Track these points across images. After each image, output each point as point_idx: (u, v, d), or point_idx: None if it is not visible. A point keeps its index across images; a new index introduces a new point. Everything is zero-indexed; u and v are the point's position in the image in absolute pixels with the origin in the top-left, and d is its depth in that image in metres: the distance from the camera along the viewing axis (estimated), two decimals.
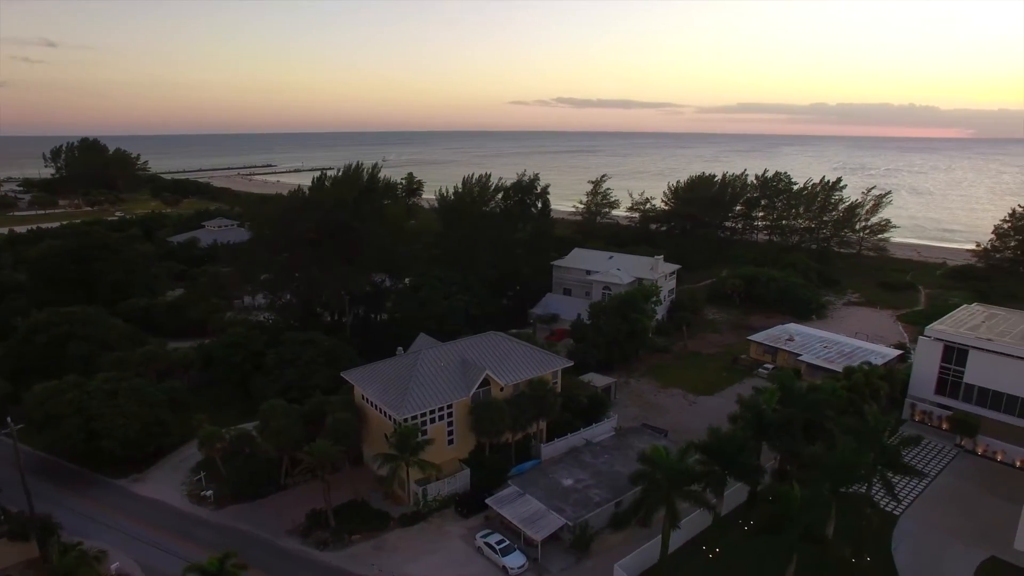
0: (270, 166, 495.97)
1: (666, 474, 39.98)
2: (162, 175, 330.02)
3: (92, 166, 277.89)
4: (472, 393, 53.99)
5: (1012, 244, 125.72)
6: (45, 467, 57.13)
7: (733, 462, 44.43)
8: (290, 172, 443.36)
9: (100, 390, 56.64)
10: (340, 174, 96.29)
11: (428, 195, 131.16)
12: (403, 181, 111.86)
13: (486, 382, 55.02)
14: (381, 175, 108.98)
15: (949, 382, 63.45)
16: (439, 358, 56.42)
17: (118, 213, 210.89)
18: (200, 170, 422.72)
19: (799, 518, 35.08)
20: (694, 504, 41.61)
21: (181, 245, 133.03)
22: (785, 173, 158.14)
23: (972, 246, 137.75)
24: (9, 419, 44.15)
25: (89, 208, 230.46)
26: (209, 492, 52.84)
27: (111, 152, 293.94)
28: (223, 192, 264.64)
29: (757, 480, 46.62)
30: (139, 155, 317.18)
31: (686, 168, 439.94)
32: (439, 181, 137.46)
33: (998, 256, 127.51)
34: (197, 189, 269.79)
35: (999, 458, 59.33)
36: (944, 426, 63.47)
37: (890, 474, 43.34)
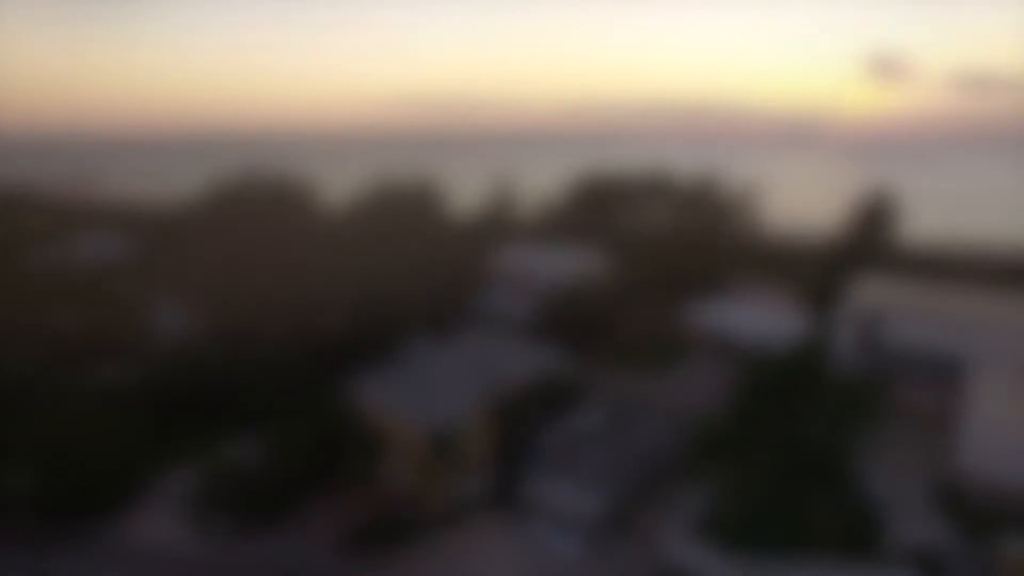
0: None
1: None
2: None
3: None
4: (493, 388, 54.51)
5: None
6: None
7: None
8: None
9: (59, 421, 48.74)
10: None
11: None
12: None
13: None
14: None
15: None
16: (451, 357, 56.05)
17: None
18: None
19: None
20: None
21: None
22: None
23: None
24: None
25: None
26: (220, 525, 47.89)
27: None
28: None
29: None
30: None
31: None
32: None
33: None
34: None
35: None
36: None
37: None
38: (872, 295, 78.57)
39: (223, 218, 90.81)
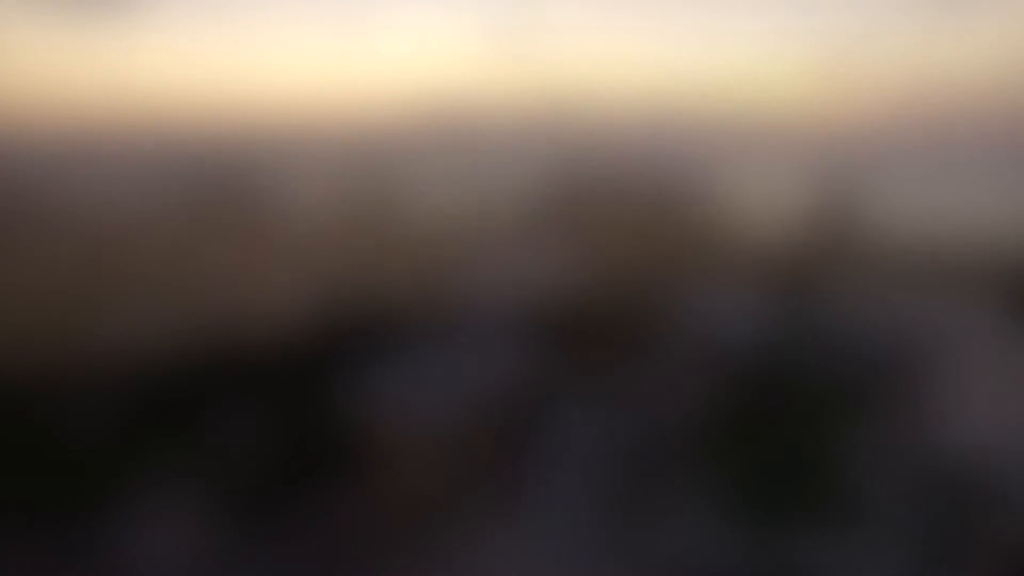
0: None
1: None
2: None
3: None
4: (488, 388, 55.61)
5: None
6: None
7: None
8: None
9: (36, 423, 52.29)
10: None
11: None
12: None
13: None
14: None
15: None
16: (444, 357, 57.42)
17: None
18: None
19: None
20: None
21: None
22: None
23: None
24: None
25: None
26: (226, 524, 50.71)
27: None
28: None
29: None
30: None
31: None
32: None
33: None
34: None
35: None
36: None
37: None
38: (846, 292, 76.60)
39: (183, 220, 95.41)
